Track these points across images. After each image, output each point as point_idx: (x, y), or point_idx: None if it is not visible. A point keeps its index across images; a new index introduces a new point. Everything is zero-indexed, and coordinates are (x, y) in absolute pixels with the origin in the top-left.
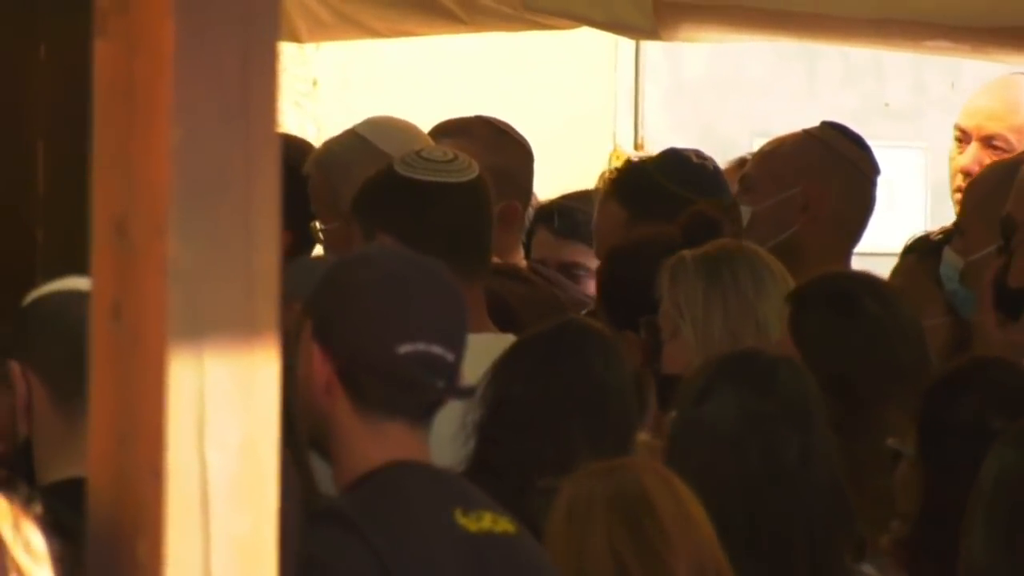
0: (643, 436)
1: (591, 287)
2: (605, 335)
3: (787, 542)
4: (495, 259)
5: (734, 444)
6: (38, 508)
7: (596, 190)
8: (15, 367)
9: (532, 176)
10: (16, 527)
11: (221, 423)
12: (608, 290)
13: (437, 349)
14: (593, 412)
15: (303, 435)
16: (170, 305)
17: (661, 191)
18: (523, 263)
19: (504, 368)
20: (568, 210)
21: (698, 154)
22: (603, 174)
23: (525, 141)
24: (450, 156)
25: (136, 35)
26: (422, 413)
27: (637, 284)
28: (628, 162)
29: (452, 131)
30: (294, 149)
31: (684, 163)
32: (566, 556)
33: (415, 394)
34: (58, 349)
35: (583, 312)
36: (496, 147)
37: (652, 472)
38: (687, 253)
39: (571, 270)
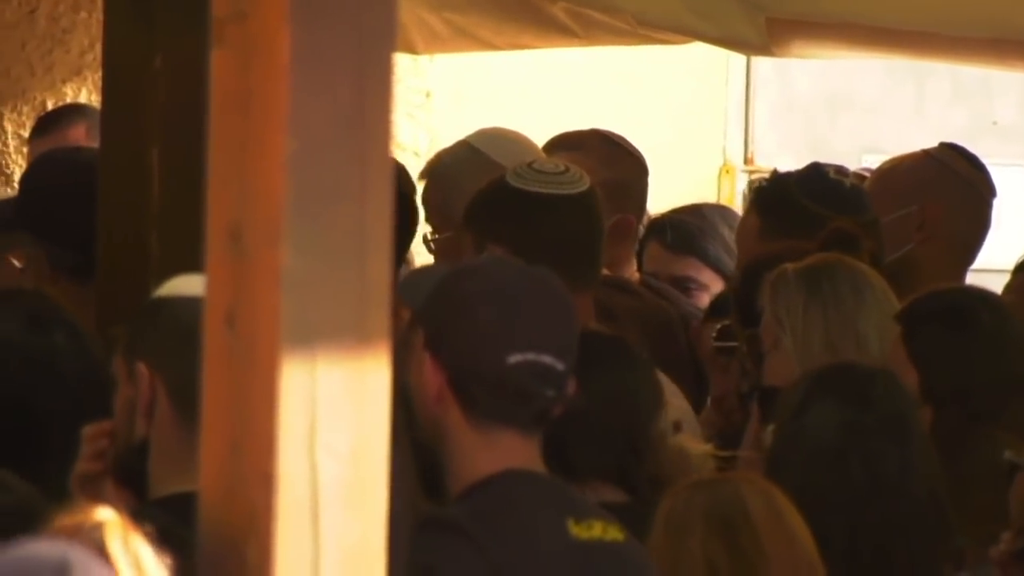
0: (745, 451)
1: (702, 300)
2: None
3: (887, 553)
4: (606, 271)
5: (834, 456)
6: (149, 525)
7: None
8: (142, 368)
9: (646, 189)
10: (126, 543)
11: (333, 429)
12: (741, 301)
13: (547, 359)
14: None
15: (410, 443)
16: (283, 313)
17: (795, 205)
18: (636, 275)
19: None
20: (680, 224)
21: (839, 170)
22: (750, 183)
23: (639, 154)
24: (561, 168)
25: (252, 45)
26: (533, 422)
27: None
28: (774, 173)
29: (567, 144)
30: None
31: (822, 179)
32: (662, 566)
33: (526, 403)
34: (187, 356)
35: (692, 324)
36: (611, 160)
37: (752, 485)
38: (789, 266)
39: (683, 283)
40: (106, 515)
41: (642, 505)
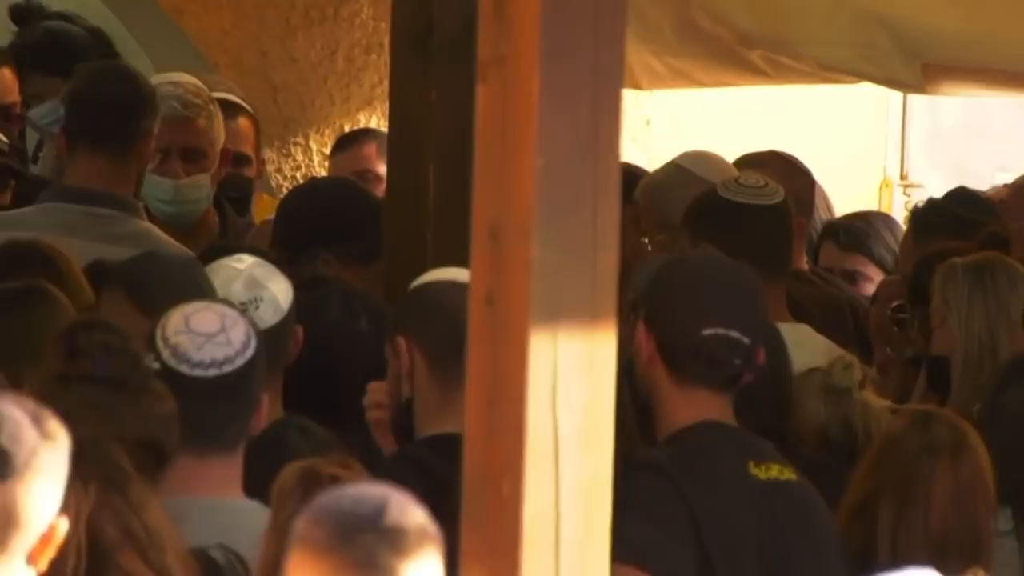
0: (913, 406)
1: (867, 289)
2: None
3: None
4: None
5: None
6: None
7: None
8: (401, 341)
9: (815, 197)
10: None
11: (570, 388)
12: (914, 286)
13: (735, 334)
14: None
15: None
16: (532, 295)
17: (949, 214)
18: (805, 267)
19: None
20: (851, 227)
21: (981, 192)
22: (907, 205)
23: (808, 171)
24: (762, 183)
25: (510, 84)
26: (725, 384)
27: None
28: (929, 200)
29: (752, 162)
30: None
31: (971, 194)
32: (884, 485)
33: (717, 368)
34: (438, 328)
35: (860, 306)
36: (787, 175)
37: (955, 418)
38: (957, 260)
39: (852, 276)
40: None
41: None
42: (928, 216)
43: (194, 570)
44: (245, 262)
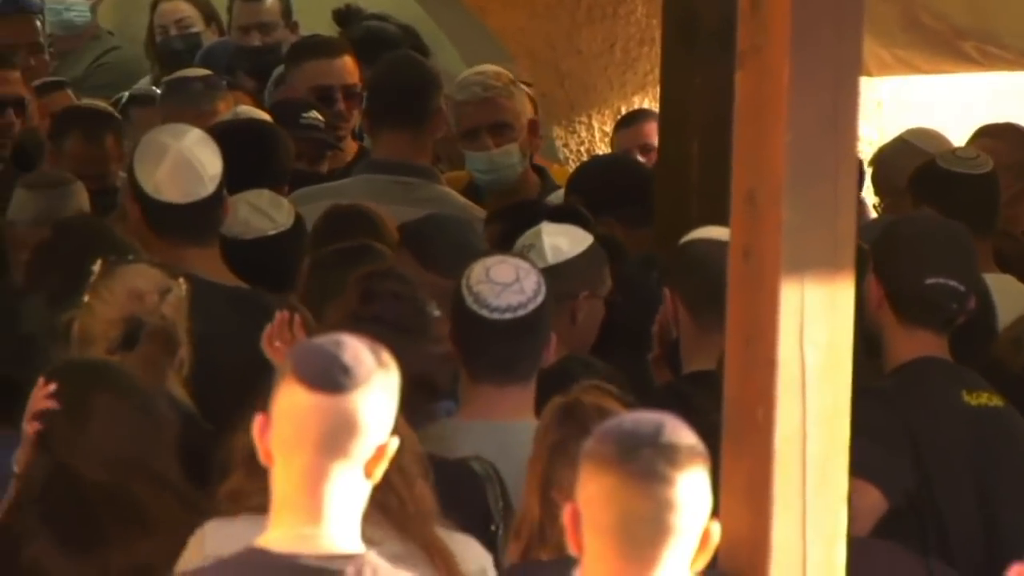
0: None
1: None
2: None
3: None
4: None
5: None
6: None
7: None
8: (667, 291)
9: None
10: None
11: (815, 330)
12: None
13: (952, 283)
14: None
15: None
16: (783, 250)
17: None
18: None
19: None
20: None
21: None
22: None
23: None
24: (974, 155)
25: (764, 70)
26: (942, 325)
27: None
28: None
29: (991, 133)
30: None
31: None
32: None
33: (937, 312)
34: (697, 280)
35: None
36: (1020, 145)
37: None
38: None
39: None
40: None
41: None
42: None
43: (427, 469)
44: (544, 226)
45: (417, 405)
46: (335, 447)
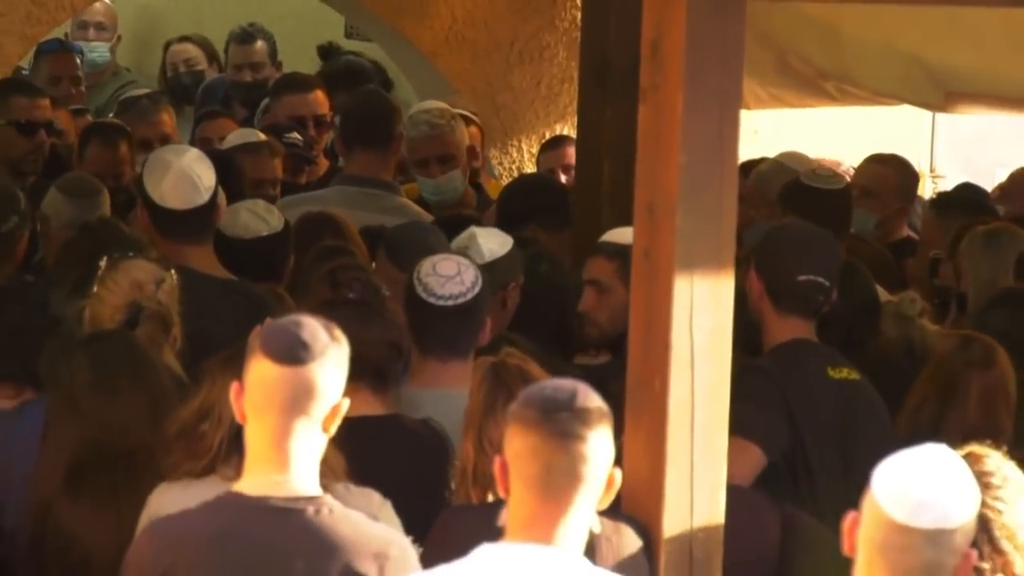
0: None
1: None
2: None
3: None
4: None
5: None
6: None
7: None
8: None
9: (916, 188)
10: None
11: (702, 316)
12: (951, 246)
13: (820, 279)
14: None
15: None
16: (676, 251)
17: (964, 200)
18: (908, 235)
19: None
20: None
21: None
22: (933, 191)
23: (914, 169)
24: (831, 174)
25: (662, 104)
26: (811, 314)
27: None
28: (944, 192)
29: (878, 159)
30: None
31: (975, 186)
32: (934, 394)
33: (807, 303)
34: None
35: None
36: (901, 171)
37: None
38: (979, 227)
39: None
40: None
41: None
42: (946, 199)
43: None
44: (475, 230)
45: (389, 364)
46: (297, 409)
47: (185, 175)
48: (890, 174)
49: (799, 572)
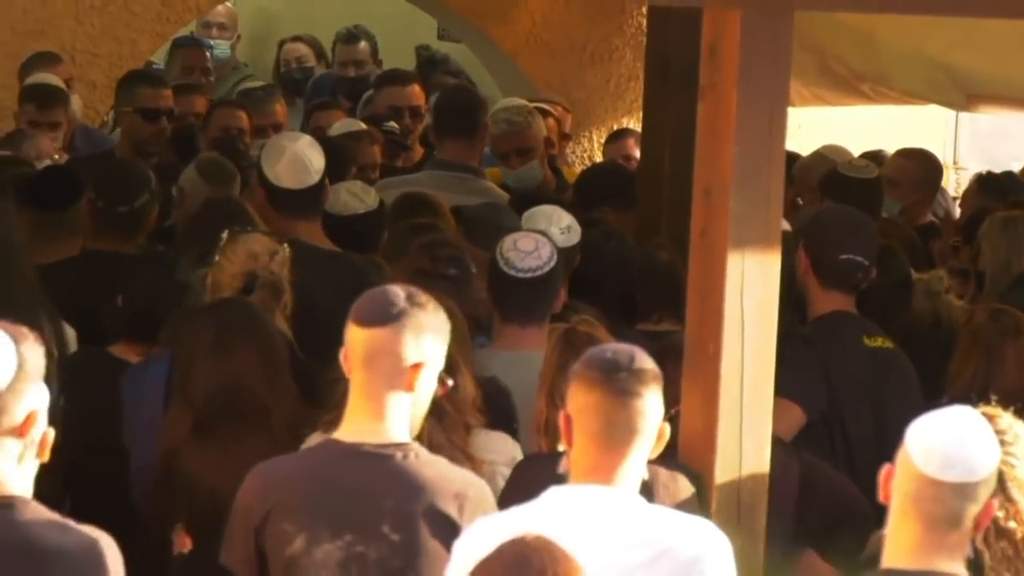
0: None
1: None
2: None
3: None
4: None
5: None
6: None
7: None
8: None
9: (940, 180)
10: None
11: (752, 286)
12: (968, 229)
13: (859, 258)
14: None
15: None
16: (729, 231)
17: (998, 183)
18: (931, 221)
19: None
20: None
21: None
22: (957, 180)
23: (939, 163)
24: (864, 164)
25: (719, 100)
26: (851, 289)
27: None
28: (986, 173)
29: (903, 154)
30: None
31: (1011, 174)
32: (971, 363)
33: (847, 279)
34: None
35: None
36: (926, 164)
37: None
38: (998, 213)
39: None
40: None
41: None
42: (989, 180)
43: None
44: (557, 212)
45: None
46: (379, 366)
47: (298, 158)
48: (912, 167)
49: (814, 507)
